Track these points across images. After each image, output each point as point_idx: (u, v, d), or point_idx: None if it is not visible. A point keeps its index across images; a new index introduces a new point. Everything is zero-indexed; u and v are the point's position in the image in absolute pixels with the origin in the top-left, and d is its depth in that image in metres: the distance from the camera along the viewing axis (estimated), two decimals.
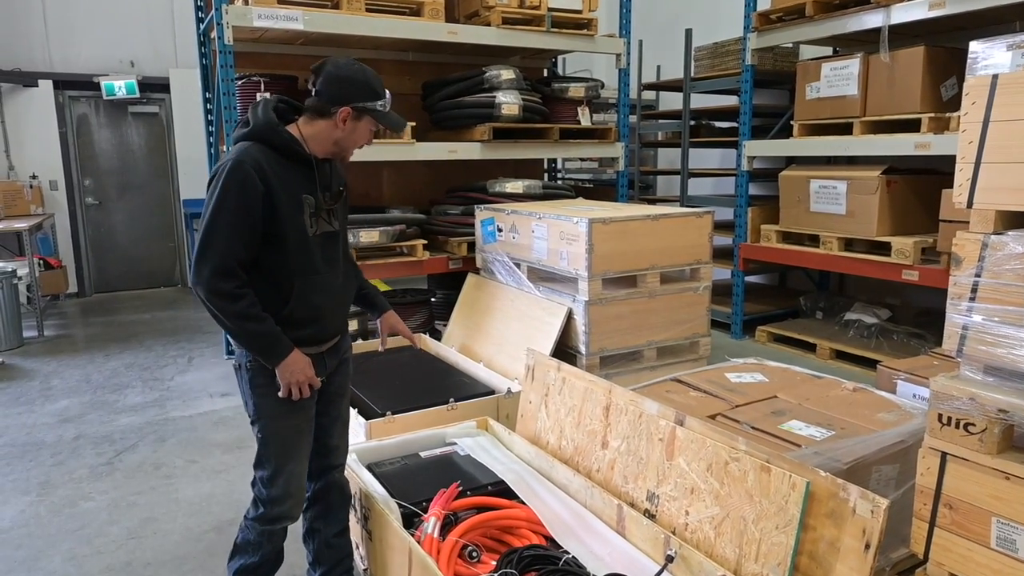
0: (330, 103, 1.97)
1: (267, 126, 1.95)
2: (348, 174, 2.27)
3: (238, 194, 1.87)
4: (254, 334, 1.91)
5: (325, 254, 2.05)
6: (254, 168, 1.88)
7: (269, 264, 1.96)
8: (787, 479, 1.82)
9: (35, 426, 4.06)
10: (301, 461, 2.09)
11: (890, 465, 2.28)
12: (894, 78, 4.42)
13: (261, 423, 2.03)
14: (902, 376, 2.93)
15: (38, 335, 6.11)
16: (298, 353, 1.97)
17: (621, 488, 2.35)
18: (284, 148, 1.95)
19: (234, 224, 1.87)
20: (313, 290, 2.02)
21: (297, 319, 2.00)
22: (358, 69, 2.01)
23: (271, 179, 1.91)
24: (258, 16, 4.10)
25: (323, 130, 2.00)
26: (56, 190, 7.64)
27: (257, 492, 2.08)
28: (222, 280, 1.86)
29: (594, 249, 3.50)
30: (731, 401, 2.73)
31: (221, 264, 1.86)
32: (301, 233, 1.97)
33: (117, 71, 7.65)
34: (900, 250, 4.35)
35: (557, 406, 2.72)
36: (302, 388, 1.99)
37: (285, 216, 1.93)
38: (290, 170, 1.97)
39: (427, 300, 5.26)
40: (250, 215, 1.88)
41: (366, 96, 1.98)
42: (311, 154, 1.99)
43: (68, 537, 2.84)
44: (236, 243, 1.87)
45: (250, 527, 2.10)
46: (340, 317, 2.17)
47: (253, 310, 1.90)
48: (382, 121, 2.04)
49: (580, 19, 5.06)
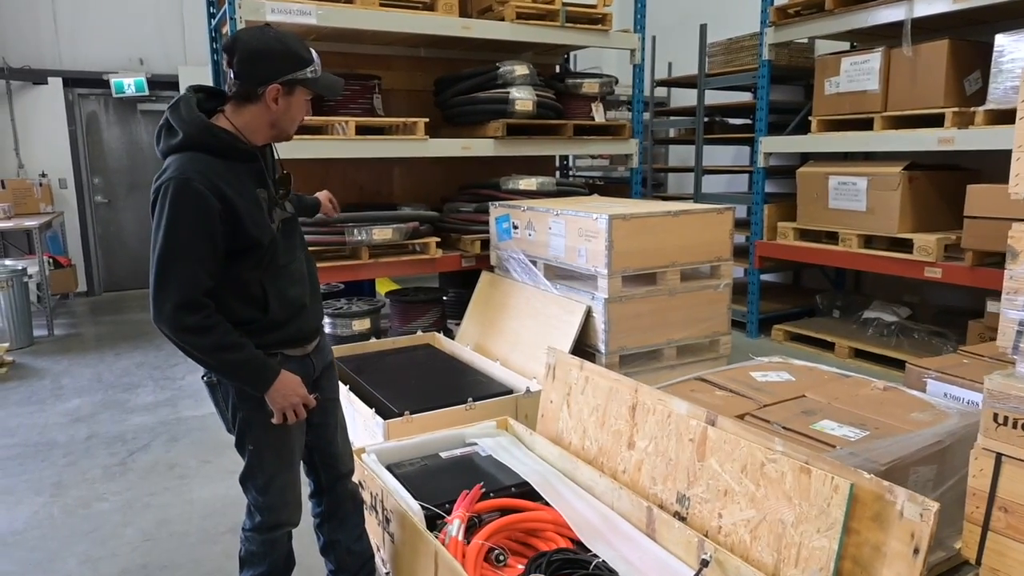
0: (255, 84, 1.76)
1: (201, 129, 1.74)
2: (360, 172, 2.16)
3: (193, 218, 1.67)
4: (236, 364, 1.75)
5: (287, 243, 1.92)
6: (203, 183, 1.68)
7: (234, 276, 1.79)
8: (829, 481, 1.75)
9: (47, 425, 4.02)
10: (295, 467, 2.00)
11: (928, 466, 2.21)
12: (916, 72, 4.35)
13: (252, 436, 1.90)
14: (932, 375, 2.86)
15: (48, 334, 6.08)
16: (286, 375, 1.83)
17: (649, 490, 2.28)
18: (226, 149, 1.76)
19: (192, 251, 1.68)
20: (286, 285, 1.89)
21: (280, 319, 1.87)
22: (274, 38, 1.79)
23: (224, 189, 1.71)
24: (271, 10, 4.05)
25: (255, 116, 1.80)
26: (65, 188, 7.62)
27: (252, 501, 1.97)
28: (188, 314, 1.68)
29: (614, 246, 3.44)
30: (759, 401, 2.67)
31: (184, 297, 1.68)
32: (267, 234, 1.81)
33: (127, 69, 7.62)
34: (923, 247, 4.27)
35: (580, 406, 2.66)
36: (297, 410, 1.86)
37: (250, 223, 1.76)
38: (238, 171, 1.78)
39: (439, 299, 5.21)
40: (210, 238, 1.70)
41: (293, 66, 1.77)
42: (252, 146, 1.82)
43: (82, 539, 2.79)
44: (198, 272, 1.69)
45: (250, 538, 2.01)
46: (316, 304, 2.04)
47: (228, 339, 1.72)
48: (316, 88, 1.83)
49: (595, 14, 5.00)
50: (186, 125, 1.74)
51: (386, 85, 5.19)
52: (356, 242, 4.39)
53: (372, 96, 4.80)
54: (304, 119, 1.92)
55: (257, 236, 1.78)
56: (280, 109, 1.81)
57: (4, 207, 6.55)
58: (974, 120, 4.04)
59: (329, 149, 4.31)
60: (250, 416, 1.88)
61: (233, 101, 1.81)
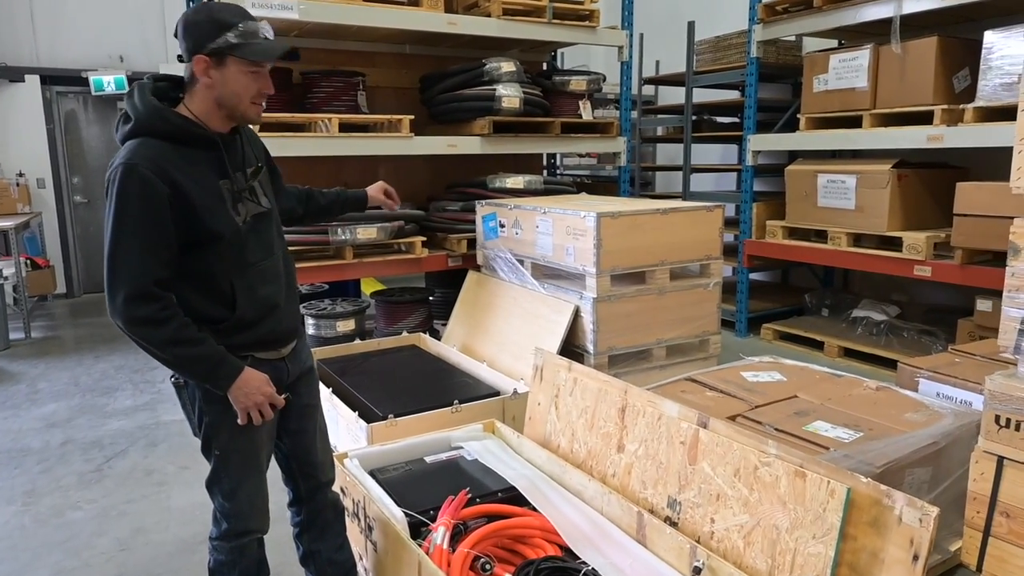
0: (188, 60, 1.68)
1: (150, 113, 1.66)
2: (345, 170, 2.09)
3: (139, 204, 1.60)
4: (192, 359, 1.67)
5: (259, 239, 1.82)
6: (150, 169, 1.60)
7: (199, 268, 1.71)
8: (825, 485, 1.70)
9: (21, 431, 3.91)
10: (262, 473, 1.91)
11: (923, 468, 2.17)
12: (905, 69, 4.32)
13: (218, 440, 1.82)
14: (925, 374, 2.82)
15: (25, 337, 5.95)
16: (250, 371, 1.74)
17: (639, 494, 2.22)
18: (179, 134, 1.68)
19: (141, 240, 1.61)
20: (256, 282, 1.80)
21: (248, 319, 1.78)
22: (201, 8, 1.68)
23: (175, 175, 1.63)
24: (252, 4, 3.95)
25: (202, 97, 1.70)
26: (44, 188, 7.47)
27: (218, 507, 1.88)
28: (140, 306, 1.61)
29: (603, 244, 3.38)
30: (750, 401, 2.62)
31: (135, 288, 1.60)
32: (228, 227, 1.72)
33: (106, 66, 7.48)
34: (912, 245, 4.25)
35: (568, 408, 2.59)
36: (262, 409, 1.77)
37: (206, 212, 1.68)
38: (195, 158, 1.70)
39: (425, 299, 5.13)
40: (159, 226, 1.62)
41: (215, 33, 1.64)
42: (212, 131, 1.72)
43: (55, 549, 2.70)
44: (149, 261, 1.61)
45: (218, 547, 1.91)
46: (292, 305, 1.95)
47: (185, 332, 1.65)
48: (244, 54, 1.66)
49: (582, 10, 4.94)
50: (137, 111, 1.68)
51: (371, 82, 5.11)
52: (340, 241, 4.31)
53: (356, 93, 4.71)
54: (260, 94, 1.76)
55: (215, 228, 1.70)
56: (217, 84, 1.69)
57: None
58: (963, 117, 4.01)
59: (312, 147, 4.22)
60: (216, 420, 1.80)
61: (187, 86, 1.74)
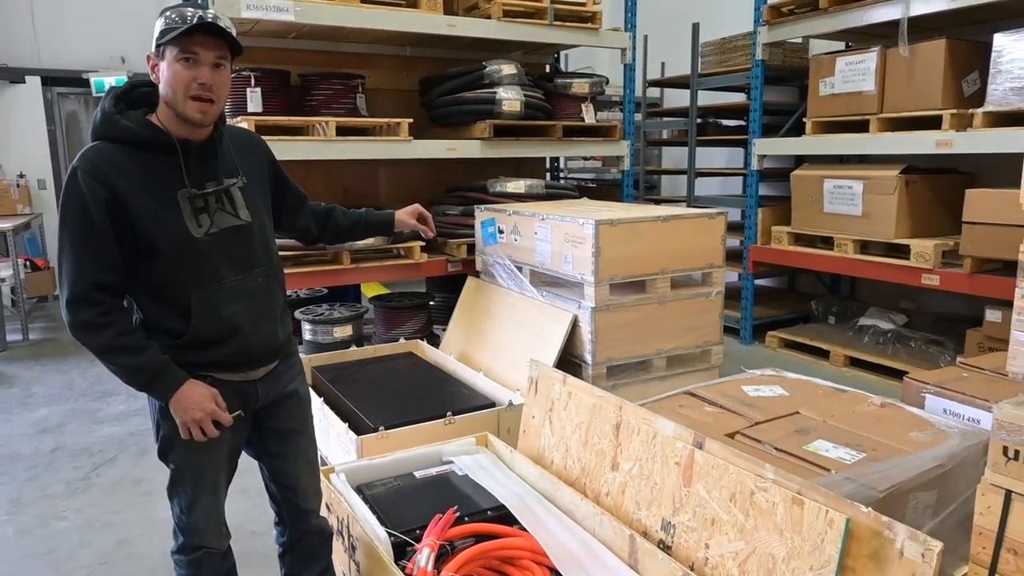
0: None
1: (103, 119, 1.65)
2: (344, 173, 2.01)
3: (77, 207, 1.60)
4: (128, 368, 1.64)
5: (230, 254, 1.74)
6: (90, 173, 1.59)
7: (154, 278, 1.68)
8: (823, 514, 1.62)
9: (11, 436, 3.86)
10: (219, 494, 1.86)
11: (928, 491, 2.08)
12: (913, 73, 4.23)
13: (173, 454, 1.77)
14: (931, 389, 2.73)
15: (23, 338, 5.91)
16: (194, 385, 1.68)
17: (633, 515, 2.15)
18: (130, 138, 1.64)
19: (78, 243, 1.60)
20: (219, 301, 1.72)
21: (207, 338, 1.71)
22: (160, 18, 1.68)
23: (116, 180, 1.61)
24: (246, 6, 3.90)
25: (160, 99, 1.68)
26: (44, 189, 7.45)
27: (176, 519, 1.84)
28: (80, 310, 1.60)
29: (601, 252, 3.30)
30: (750, 418, 2.53)
31: (74, 292, 1.60)
32: (181, 236, 1.67)
33: (107, 67, 7.46)
34: (920, 253, 4.15)
35: (563, 422, 2.52)
36: (204, 426, 1.68)
37: (149, 220, 1.63)
38: (151, 163, 1.66)
39: (425, 304, 5.07)
40: (94, 230, 1.60)
41: (159, 31, 1.65)
42: (173, 137, 1.67)
43: (35, 562, 2.64)
44: (87, 265, 1.60)
45: (178, 562, 1.87)
46: (267, 327, 1.83)
47: (123, 340, 1.63)
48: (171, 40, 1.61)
49: (584, 12, 4.87)
50: (96, 116, 1.68)
51: (371, 85, 5.05)
52: (337, 247, 4.25)
53: (355, 96, 4.65)
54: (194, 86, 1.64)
55: (156, 237, 1.65)
56: (162, 82, 1.66)
57: None
58: (973, 122, 3.92)
59: (309, 150, 4.16)
60: (171, 434, 1.75)
61: None
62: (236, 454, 1.90)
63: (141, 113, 1.69)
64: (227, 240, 1.75)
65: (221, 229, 1.73)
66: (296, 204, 2.10)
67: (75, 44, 7.37)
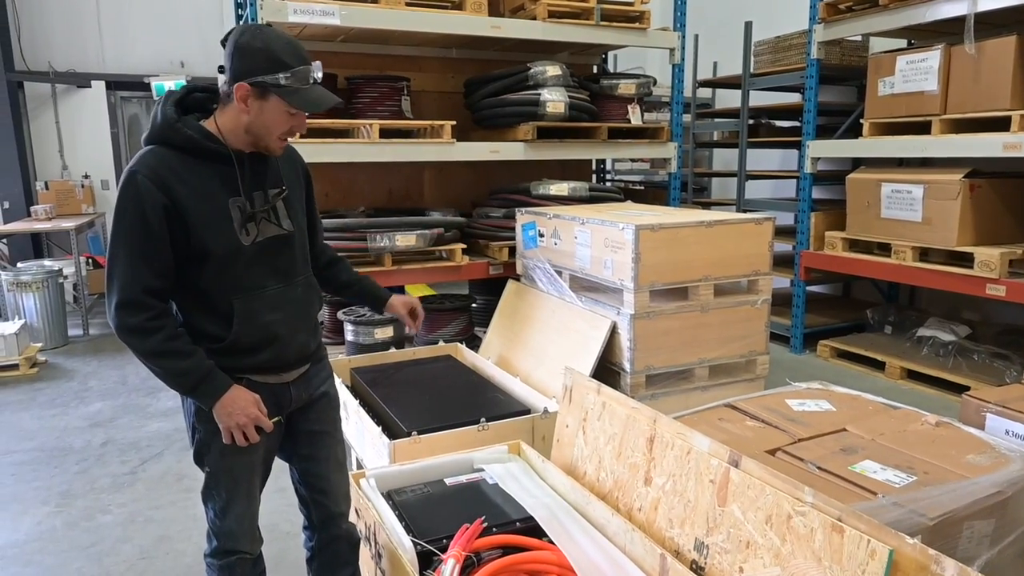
0: (230, 81, 1.64)
1: (164, 123, 1.65)
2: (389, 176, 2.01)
3: (133, 212, 1.59)
4: (175, 373, 1.65)
5: (272, 263, 1.77)
6: (149, 177, 1.59)
7: (201, 284, 1.69)
8: (864, 544, 1.52)
9: (66, 429, 4.01)
10: (253, 497, 1.87)
11: (985, 520, 1.95)
12: (980, 72, 4.00)
13: (209, 458, 1.79)
14: (992, 408, 2.56)
15: (83, 334, 6.15)
16: (238, 390, 1.69)
17: (665, 532, 2.07)
18: (189, 146, 1.65)
19: (133, 247, 1.60)
20: (260, 308, 1.74)
21: (247, 344, 1.73)
22: (259, 35, 1.63)
23: (175, 186, 1.61)
24: (293, 11, 3.95)
25: (232, 117, 1.67)
26: (107, 189, 7.75)
27: (210, 523, 1.86)
28: (128, 314, 1.60)
29: (641, 258, 3.22)
30: (793, 434, 2.42)
31: (124, 296, 1.60)
32: (231, 244, 1.68)
33: (167, 71, 7.71)
34: (984, 262, 3.93)
35: (596, 433, 2.46)
36: (247, 431, 1.70)
37: (203, 227, 1.64)
38: (206, 171, 1.67)
39: (467, 306, 5.05)
40: (151, 235, 1.60)
41: (266, 68, 1.60)
42: (230, 148, 1.68)
43: (79, 555, 2.72)
44: (140, 269, 1.60)
45: (210, 565, 1.89)
46: (303, 336, 1.86)
47: (170, 344, 1.63)
48: (291, 100, 1.64)
49: (631, 12, 4.78)
50: (155, 119, 1.68)
51: (417, 87, 5.08)
52: (379, 249, 4.27)
53: (400, 98, 4.68)
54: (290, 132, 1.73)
55: (209, 244, 1.66)
56: (252, 113, 1.66)
57: (46, 208, 6.66)
58: None
59: (351, 153, 4.20)
60: (207, 438, 1.77)
61: (221, 99, 1.71)
62: (270, 458, 1.93)
63: (196, 119, 1.71)
64: (271, 249, 1.77)
65: (266, 238, 1.76)
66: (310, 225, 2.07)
67: (137, 50, 7.64)
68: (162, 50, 7.73)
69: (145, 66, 7.65)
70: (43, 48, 7.31)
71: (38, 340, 5.53)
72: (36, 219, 6.60)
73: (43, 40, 7.31)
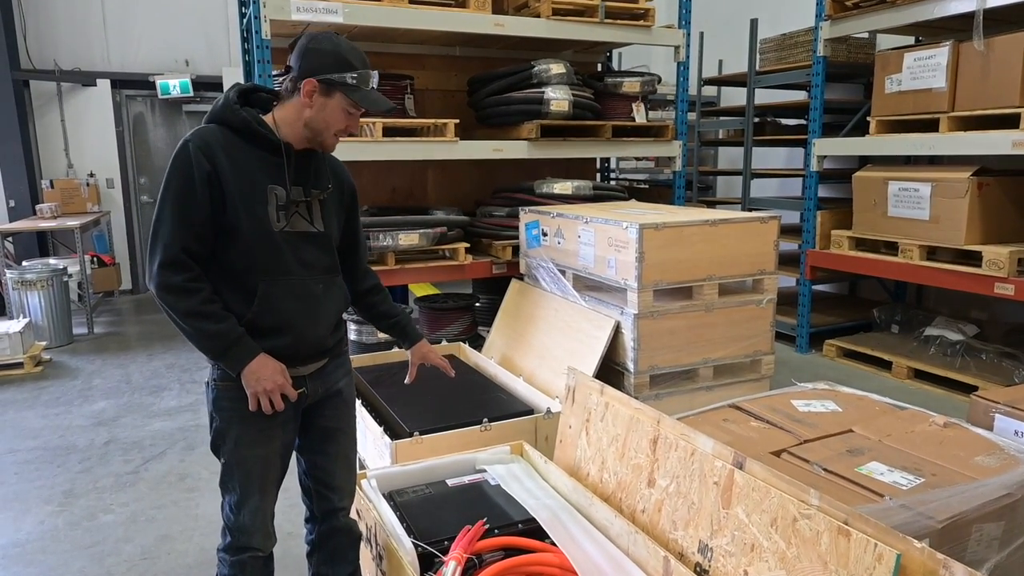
0: (297, 77, 1.78)
1: (224, 106, 1.79)
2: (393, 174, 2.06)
3: (181, 176, 1.70)
4: (209, 334, 1.71)
5: (299, 255, 1.82)
6: (199, 146, 1.71)
7: (230, 259, 1.76)
8: (871, 548, 1.49)
9: (69, 428, 4.00)
10: (268, 493, 1.88)
11: (994, 523, 1.92)
12: (988, 68, 3.96)
13: (225, 449, 1.82)
14: (1001, 408, 2.53)
15: (88, 332, 6.16)
16: (266, 358, 1.75)
17: (669, 535, 2.05)
18: (244, 129, 1.77)
19: (179, 209, 1.69)
20: (282, 293, 1.80)
21: (264, 326, 1.78)
22: (329, 39, 1.80)
23: (221, 159, 1.72)
24: (297, 9, 3.94)
25: (293, 110, 1.80)
26: (112, 188, 7.75)
27: (225, 518, 1.88)
28: (171, 273, 1.68)
29: (645, 257, 3.20)
30: (799, 435, 2.40)
31: (168, 255, 1.68)
32: (262, 226, 1.76)
33: (173, 70, 7.70)
34: (993, 260, 3.89)
35: (599, 434, 2.43)
36: (273, 397, 1.75)
37: (238, 202, 1.73)
38: (253, 155, 1.77)
39: (470, 306, 5.04)
40: (194, 198, 1.69)
41: (334, 67, 1.76)
42: (282, 140, 1.79)
43: (81, 554, 2.71)
44: (184, 230, 1.69)
45: (223, 560, 1.89)
46: (321, 330, 1.90)
47: (209, 307, 1.70)
48: (354, 97, 1.79)
49: (636, 9, 4.75)
50: (216, 103, 1.80)
51: (420, 85, 5.05)
52: (381, 248, 4.26)
53: (403, 96, 4.66)
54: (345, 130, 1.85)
55: (241, 221, 1.73)
56: (315, 107, 1.78)
57: (51, 206, 6.67)
58: None
59: (354, 151, 4.17)
60: (224, 426, 1.81)
61: (283, 94, 1.83)
62: (287, 453, 1.93)
63: (256, 111, 1.82)
64: (299, 242, 1.83)
65: (295, 231, 1.82)
66: (350, 246, 2.09)
67: (142, 48, 7.64)
68: (167, 49, 7.72)
69: (150, 65, 7.64)
70: (48, 47, 7.32)
71: (42, 338, 5.54)
72: (41, 217, 6.61)
73: (48, 39, 7.32)
